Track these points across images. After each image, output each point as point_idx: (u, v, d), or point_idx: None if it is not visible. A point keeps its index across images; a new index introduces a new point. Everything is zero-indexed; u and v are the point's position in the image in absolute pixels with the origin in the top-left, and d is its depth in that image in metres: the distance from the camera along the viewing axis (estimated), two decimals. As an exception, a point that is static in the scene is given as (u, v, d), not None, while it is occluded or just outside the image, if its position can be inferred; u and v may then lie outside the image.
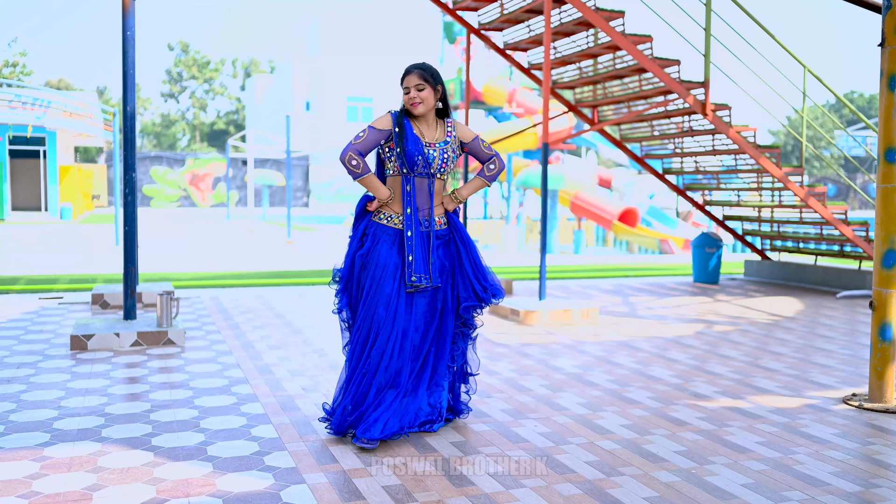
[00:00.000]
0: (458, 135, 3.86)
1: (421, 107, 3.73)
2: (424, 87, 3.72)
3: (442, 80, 3.81)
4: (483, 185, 3.91)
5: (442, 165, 3.77)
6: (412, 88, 3.72)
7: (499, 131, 21.89)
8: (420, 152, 3.72)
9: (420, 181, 3.77)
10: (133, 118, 6.09)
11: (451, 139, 3.83)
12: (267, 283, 9.76)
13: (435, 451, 3.59)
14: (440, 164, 3.76)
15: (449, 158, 3.79)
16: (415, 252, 3.73)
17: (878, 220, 4.52)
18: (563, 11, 8.54)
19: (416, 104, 3.72)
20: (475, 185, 3.90)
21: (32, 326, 6.54)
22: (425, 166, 3.74)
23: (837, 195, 46.89)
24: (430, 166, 3.74)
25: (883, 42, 4.46)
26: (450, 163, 3.80)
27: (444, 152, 3.77)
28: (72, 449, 3.53)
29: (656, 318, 7.46)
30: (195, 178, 39.82)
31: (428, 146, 3.74)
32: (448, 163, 3.79)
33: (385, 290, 3.69)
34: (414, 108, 3.73)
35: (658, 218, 22.39)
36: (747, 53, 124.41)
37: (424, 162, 3.73)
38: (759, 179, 9.69)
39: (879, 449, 3.75)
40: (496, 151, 3.96)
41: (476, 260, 3.88)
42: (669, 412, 4.30)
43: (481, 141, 3.91)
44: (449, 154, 3.79)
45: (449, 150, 3.79)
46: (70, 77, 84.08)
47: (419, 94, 3.72)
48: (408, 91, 3.73)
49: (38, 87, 22.28)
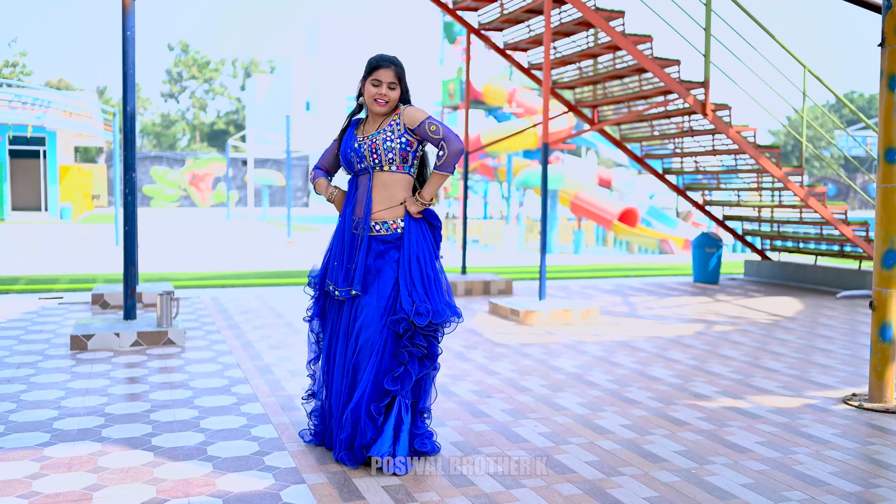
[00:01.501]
0: (404, 121, 3.45)
1: (385, 107, 3.46)
2: (396, 87, 3.46)
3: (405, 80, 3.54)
4: (441, 178, 3.47)
5: (374, 157, 3.43)
6: (384, 84, 3.44)
7: (499, 131, 21.90)
8: (350, 148, 3.50)
9: (362, 178, 3.51)
10: (133, 118, 6.09)
11: (393, 126, 3.45)
12: (267, 283, 9.76)
13: (435, 450, 3.58)
14: (370, 155, 3.44)
15: (380, 147, 3.42)
16: (337, 257, 3.51)
17: (878, 220, 4.52)
18: (563, 11, 8.54)
19: (382, 103, 3.44)
20: (433, 181, 3.48)
21: (32, 326, 6.54)
22: (360, 160, 3.48)
23: (837, 195, 46.89)
24: (362, 160, 3.46)
25: (883, 42, 4.46)
26: (384, 152, 3.42)
27: (374, 142, 3.44)
28: (72, 449, 3.53)
29: (656, 318, 7.46)
30: (195, 178, 39.83)
31: (362, 140, 3.48)
32: (381, 151, 3.42)
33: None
34: (379, 105, 3.45)
35: (658, 218, 22.39)
36: (747, 53, 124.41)
37: (357, 157, 3.48)
38: (759, 179, 9.69)
39: (879, 449, 3.75)
40: (446, 133, 3.43)
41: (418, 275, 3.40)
42: (669, 412, 4.30)
43: (429, 125, 3.43)
44: (380, 143, 3.42)
45: (380, 140, 3.43)
46: (70, 77, 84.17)
47: (390, 92, 3.44)
48: (378, 84, 3.44)
49: (38, 87, 22.29)
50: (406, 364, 3.36)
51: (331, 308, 3.59)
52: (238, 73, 69.58)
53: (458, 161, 3.54)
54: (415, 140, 3.48)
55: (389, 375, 3.34)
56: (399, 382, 3.33)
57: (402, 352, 3.35)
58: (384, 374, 3.34)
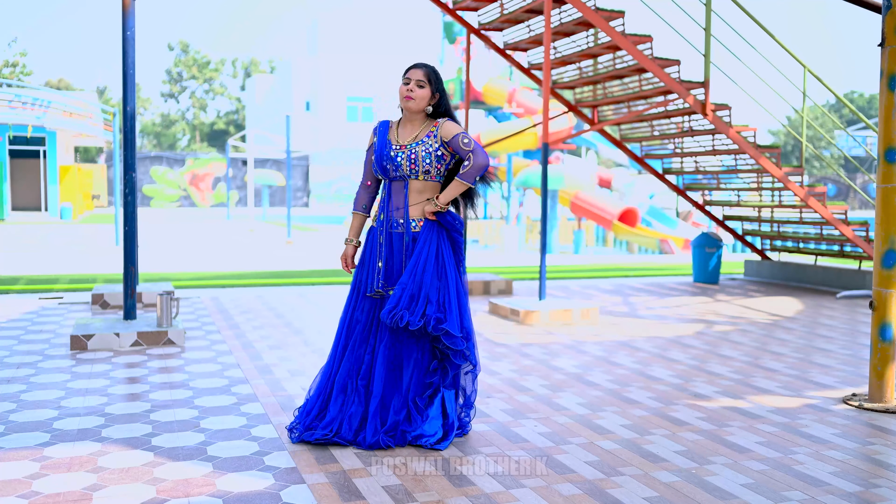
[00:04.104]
0: (441, 133, 3.68)
1: (413, 103, 3.67)
2: (424, 86, 3.67)
3: (443, 89, 3.75)
4: (460, 186, 3.67)
5: (411, 166, 3.65)
6: (413, 81, 3.67)
7: (499, 131, 21.89)
8: (386, 156, 3.69)
9: (397, 184, 3.73)
10: (133, 118, 6.09)
11: (431, 138, 3.68)
12: (267, 283, 9.76)
13: (435, 451, 3.59)
14: (408, 164, 3.65)
15: (419, 158, 3.64)
16: (384, 258, 3.72)
17: (878, 220, 4.52)
18: (563, 11, 8.54)
19: (409, 97, 3.66)
20: (452, 188, 3.68)
21: (32, 326, 6.54)
22: (395, 169, 3.68)
23: (837, 195, 46.88)
24: (398, 168, 3.67)
25: (883, 42, 4.46)
26: (422, 162, 3.64)
27: (412, 153, 3.65)
28: (72, 449, 3.53)
29: (656, 318, 7.46)
30: (195, 178, 39.82)
31: (398, 149, 3.68)
32: (418, 162, 3.64)
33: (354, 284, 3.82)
34: (406, 100, 3.67)
35: (658, 218, 22.39)
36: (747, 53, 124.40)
37: (393, 165, 3.68)
38: (759, 179, 9.69)
39: (879, 449, 3.75)
40: (476, 147, 3.66)
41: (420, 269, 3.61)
42: (669, 412, 4.30)
43: (462, 138, 3.66)
44: (419, 154, 3.64)
45: (420, 150, 3.65)
46: (70, 77, 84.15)
47: (418, 90, 3.66)
48: (407, 82, 3.68)
49: (38, 87, 22.30)
50: (440, 359, 3.68)
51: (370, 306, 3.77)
52: (238, 73, 69.56)
53: (479, 174, 3.69)
54: (448, 153, 3.72)
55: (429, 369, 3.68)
56: (437, 375, 3.68)
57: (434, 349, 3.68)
58: (425, 368, 3.68)
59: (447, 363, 3.65)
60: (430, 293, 3.57)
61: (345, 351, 3.75)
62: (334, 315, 7.28)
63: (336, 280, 10.05)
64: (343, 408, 3.66)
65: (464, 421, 3.79)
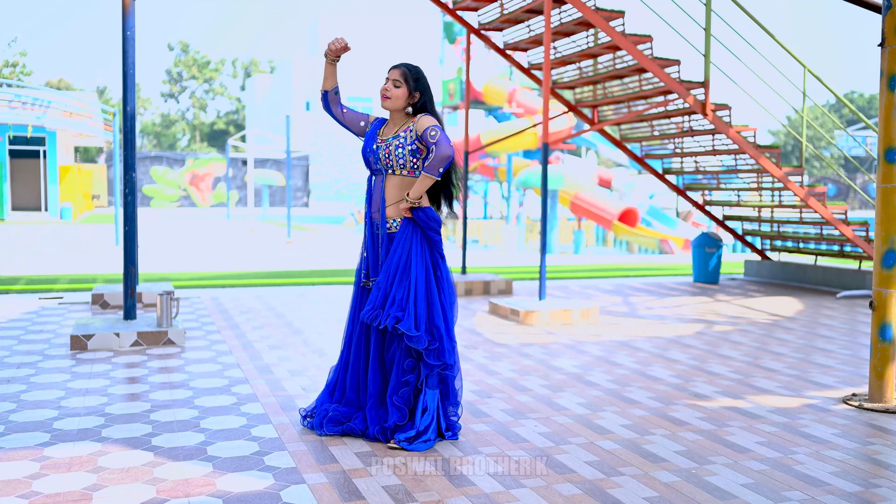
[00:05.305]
0: (416, 128, 3.69)
1: (389, 102, 3.74)
2: (400, 85, 3.72)
3: (424, 88, 3.74)
4: (426, 180, 3.62)
5: (387, 160, 3.72)
6: (390, 80, 3.74)
7: (499, 131, 21.88)
8: (369, 148, 3.79)
9: (377, 179, 3.80)
10: (133, 118, 6.09)
11: (407, 133, 3.71)
12: (267, 283, 9.76)
13: (435, 451, 3.59)
14: (384, 159, 3.72)
15: (392, 153, 3.69)
16: (368, 250, 3.85)
17: (878, 220, 4.52)
18: (563, 11, 8.54)
19: (384, 97, 3.74)
20: (420, 182, 3.63)
21: (32, 326, 6.54)
22: (375, 162, 3.77)
23: (837, 195, 46.89)
24: (378, 161, 3.76)
25: (883, 42, 4.46)
26: (395, 157, 3.68)
27: (388, 146, 3.71)
28: (72, 449, 3.53)
29: (656, 318, 7.46)
30: (195, 178, 39.82)
31: (379, 143, 3.76)
32: (393, 157, 3.69)
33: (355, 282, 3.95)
34: (383, 99, 3.75)
35: (658, 218, 22.38)
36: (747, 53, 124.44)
37: (374, 157, 3.77)
38: (759, 179, 9.69)
39: (879, 449, 3.75)
40: (441, 139, 3.59)
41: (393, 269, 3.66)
42: (669, 412, 4.30)
43: (430, 130, 3.63)
44: (393, 149, 3.69)
45: (394, 145, 3.70)
46: (70, 77, 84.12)
47: (394, 89, 3.72)
48: (386, 81, 3.76)
49: (38, 87, 22.26)
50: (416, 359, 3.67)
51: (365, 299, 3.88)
52: (238, 73, 69.57)
53: (444, 166, 3.64)
54: (424, 147, 3.71)
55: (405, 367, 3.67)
56: (413, 374, 3.66)
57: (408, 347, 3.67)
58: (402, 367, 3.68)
59: (422, 363, 3.65)
60: (396, 293, 3.62)
61: (351, 344, 3.88)
62: (334, 315, 7.28)
63: (336, 280, 10.06)
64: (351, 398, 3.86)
65: (451, 420, 3.79)
